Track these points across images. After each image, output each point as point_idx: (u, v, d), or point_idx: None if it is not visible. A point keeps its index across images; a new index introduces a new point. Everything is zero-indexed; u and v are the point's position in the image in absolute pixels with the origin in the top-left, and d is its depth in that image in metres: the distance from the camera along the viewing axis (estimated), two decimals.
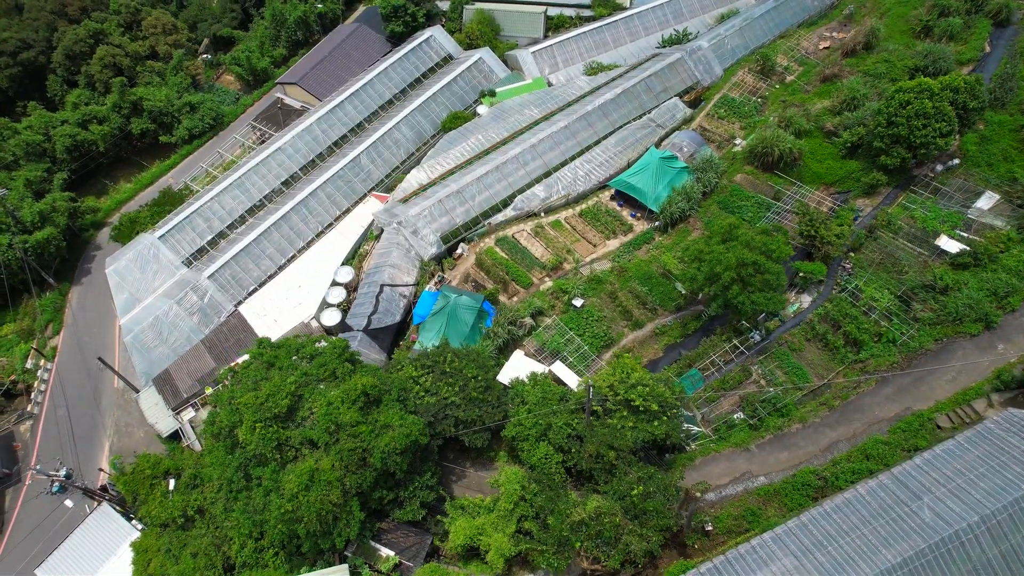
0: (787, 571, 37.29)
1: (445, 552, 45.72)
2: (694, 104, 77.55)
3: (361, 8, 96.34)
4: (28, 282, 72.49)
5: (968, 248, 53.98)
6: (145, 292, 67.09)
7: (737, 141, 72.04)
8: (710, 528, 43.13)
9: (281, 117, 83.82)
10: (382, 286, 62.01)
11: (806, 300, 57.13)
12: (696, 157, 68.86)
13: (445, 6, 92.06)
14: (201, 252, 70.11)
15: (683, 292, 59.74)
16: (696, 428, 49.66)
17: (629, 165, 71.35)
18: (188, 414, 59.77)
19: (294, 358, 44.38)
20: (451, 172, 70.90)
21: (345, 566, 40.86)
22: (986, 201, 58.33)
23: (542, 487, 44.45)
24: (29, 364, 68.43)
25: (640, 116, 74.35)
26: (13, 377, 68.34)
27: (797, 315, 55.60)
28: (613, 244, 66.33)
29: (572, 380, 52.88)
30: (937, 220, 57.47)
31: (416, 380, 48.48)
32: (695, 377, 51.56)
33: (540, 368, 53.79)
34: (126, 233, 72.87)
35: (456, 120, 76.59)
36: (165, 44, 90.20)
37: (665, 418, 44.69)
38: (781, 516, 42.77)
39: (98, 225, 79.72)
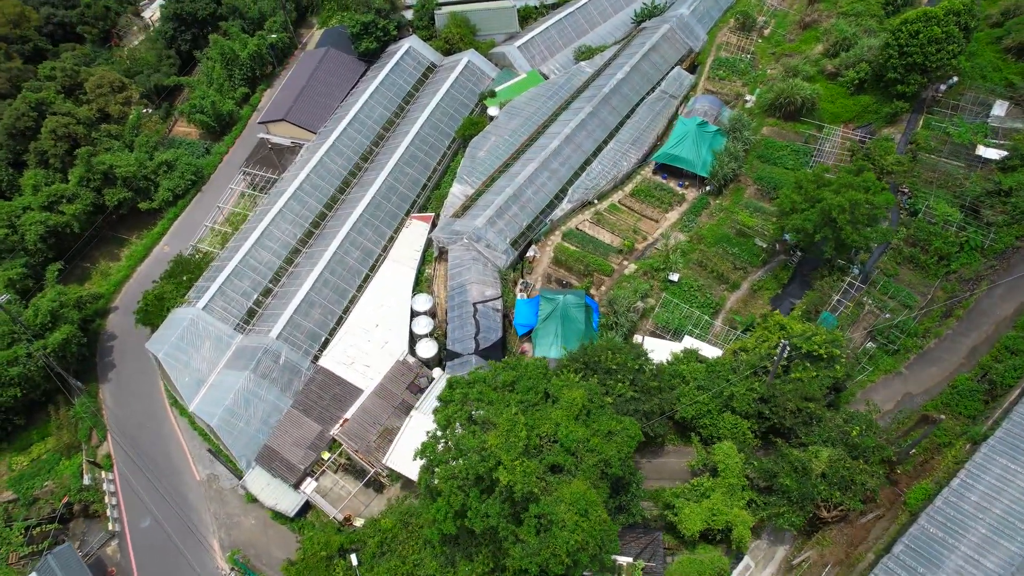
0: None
1: (669, 544, 45.56)
2: (691, 70, 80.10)
3: (318, 32, 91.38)
4: (51, 392, 64.38)
5: (1009, 153, 59.57)
6: (207, 370, 61.22)
7: (747, 97, 75.29)
8: (912, 451, 45.71)
9: (275, 157, 78.50)
10: (475, 304, 60.10)
11: None
12: (720, 119, 71.44)
13: (409, 15, 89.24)
14: (251, 314, 64.76)
15: (763, 246, 62.18)
16: None
17: (659, 138, 72.99)
18: (309, 485, 55.56)
19: (494, 389, 42.25)
20: (493, 178, 69.52)
21: None
22: (999, 109, 64.59)
23: (748, 455, 45.33)
24: (86, 480, 60.68)
25: (652, 90, 75.89)
26: (67, 499, 60.42)
27: (879, 244, 59.13)
28: (673, 216, 67.73)
29: (710, 351, 53.83)
30: (969, 133, 63.05)
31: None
32: (829, 320, 53.94)
33: (675, 346, 54.39)
34: (155, 312, 65.74)
35: (473, 126, 74.95)
36: (116, 104, 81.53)
37: (844, 360, 46.68)
38: (967, 424, 45.89)
39: (102, 313, 71.50)
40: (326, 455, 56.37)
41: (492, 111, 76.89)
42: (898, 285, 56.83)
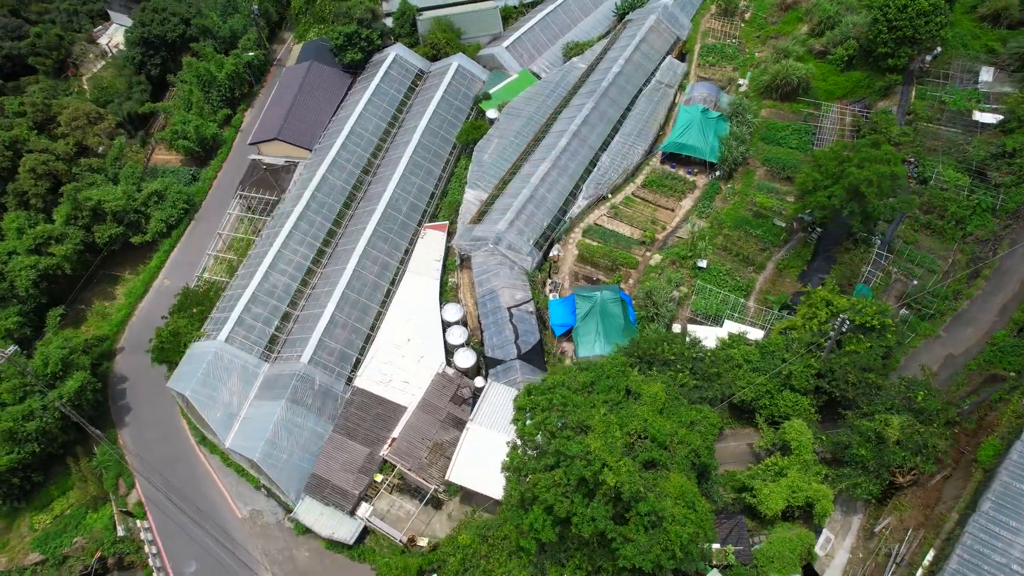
0: None
1: (748, 526, 45.95)
2: (680, 59, 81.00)
3: (296, 47, 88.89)
4: (68, 444, 61.41)
5: (1006, 116, 62.12)
6: (237, 404, 58.99)
7: (740, 82, 76.65)
8: (972, 410, 47.22)
9: (271, 178, 76.19)
10: (509, 309, 59.56)
11: None
12: (719, 104, 72.49)
13: (388, 22, 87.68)
14: (274, 341, 62.68)
15: (782, 225, 63.41)
16: None
17: (662, 128, 73.69)
18: (366, 510, 54.12)
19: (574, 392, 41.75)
20: (505, 181, 69.05)
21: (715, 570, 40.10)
22: (986, 75, 67.41)
23: (815, 430, 46.14)
24: (120, 531, 57.85)
25: (647, 81, 76.39)
26: (99, 553, 57.50)
27: (903, 213, 60.57)
28: (687, 204, 68.42)
29: (755, 334, 54.54)
30: (963, 100, 65.53)
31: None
32: (863, 291, 55.26)
33: (718, 332, 54.91)
34: (172, 349, 62.87)
35: (475, 130, 74.22)
36: (94, 135, 77.83)
37: (893, 328, 47.91)
38: (1016, 380, 47.58)
39: (108, 355, 68.15)
40: (378, 477, 55.05)
41: (491, 114, 76.28)
42: (919, 251, 58.70)
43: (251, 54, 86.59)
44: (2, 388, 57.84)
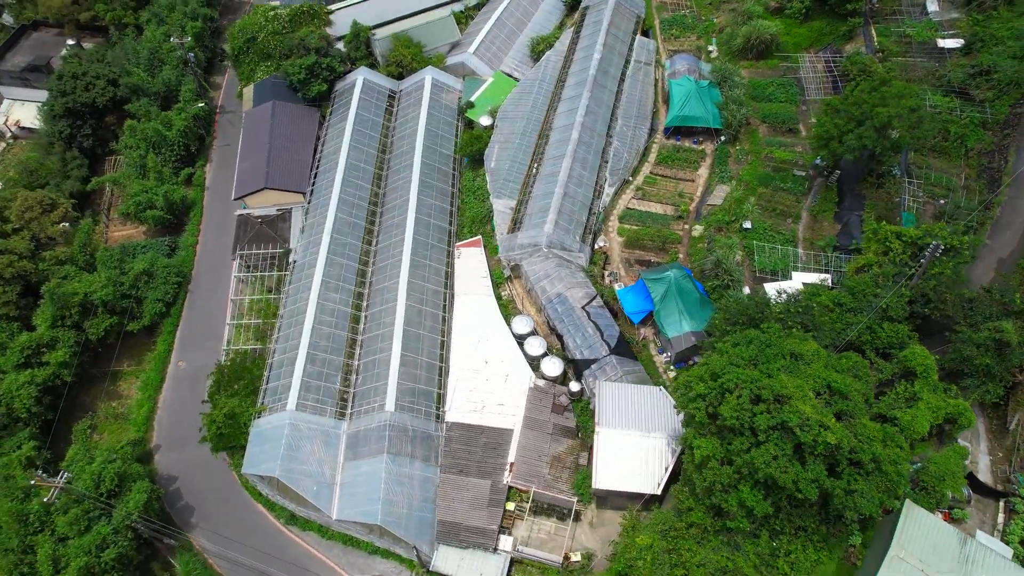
0: None
1: None
2: (644, 36, 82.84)
3: (247, 89, 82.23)
4: (142, 564, 54.77)
5: (967, 39, 68.25)
6: (331, 472, 54.65)
7: (710, 48, 79.59)
8: None
9: (269, 230, 71.00)
10: (584, 308, 58.99)
11: None
12: (702, 73, 74.88)
13: (339, 46, 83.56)
14: (342, 397, 58.75)
15: (802, 175, 66.66)
16: None
17: (655, 105, 75.16)
18: (507, 542, 51.97)
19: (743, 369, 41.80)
20: (527, 185, 68.11)
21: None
22: (932, 5, 73.70)
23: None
24: None
25: (627, 62, 77.57)
26: None
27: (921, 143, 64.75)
28: (703, 172, 70.32)
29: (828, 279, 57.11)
30: (924, 31, 71.31)
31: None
32: (910, 218, 59.09)
33: (794, 284, 56.91)
34: (234, 433, 57.29)
35: (477, 140, 72.48)
36: (51, 224, 69.27)
37: (967, 246, 51.62)
38: None
39: (146, 458, 61.28)
40: (510, 505, 53.05)
41: (484, 121, 74.81)
42: (935, 173, 63.50)
43: (200, 105, 79.97)
44: (60, 523, 50.71)
